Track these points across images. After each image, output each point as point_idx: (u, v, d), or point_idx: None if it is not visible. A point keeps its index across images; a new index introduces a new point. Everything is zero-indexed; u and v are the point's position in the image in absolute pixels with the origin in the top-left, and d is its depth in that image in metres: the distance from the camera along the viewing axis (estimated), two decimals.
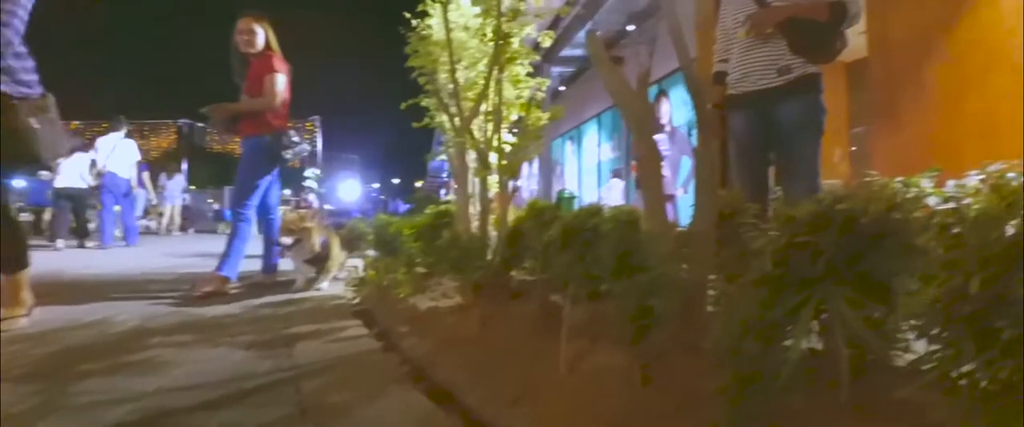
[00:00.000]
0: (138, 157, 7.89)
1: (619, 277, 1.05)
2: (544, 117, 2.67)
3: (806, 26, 2.37)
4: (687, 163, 8.56)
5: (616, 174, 10.91)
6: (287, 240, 3.21)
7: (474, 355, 1.71)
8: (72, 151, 7.23)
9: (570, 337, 1.38)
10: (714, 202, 1.46)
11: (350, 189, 19.53)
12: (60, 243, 7.08)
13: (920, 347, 0.69)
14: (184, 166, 12.81)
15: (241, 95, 3.46)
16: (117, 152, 7.48)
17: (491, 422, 1.31)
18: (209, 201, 16.13)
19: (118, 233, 8.10)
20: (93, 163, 7.45)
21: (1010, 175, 0.59)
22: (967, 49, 3.93)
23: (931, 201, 0.92)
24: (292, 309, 2.70)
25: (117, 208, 7.79)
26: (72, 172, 7.37)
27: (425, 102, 3.74)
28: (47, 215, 10.20)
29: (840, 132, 7.44)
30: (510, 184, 2.14)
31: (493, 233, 2.36)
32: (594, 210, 1.31)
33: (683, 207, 7.10)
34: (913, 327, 0.70)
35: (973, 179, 0.74)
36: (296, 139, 3.51)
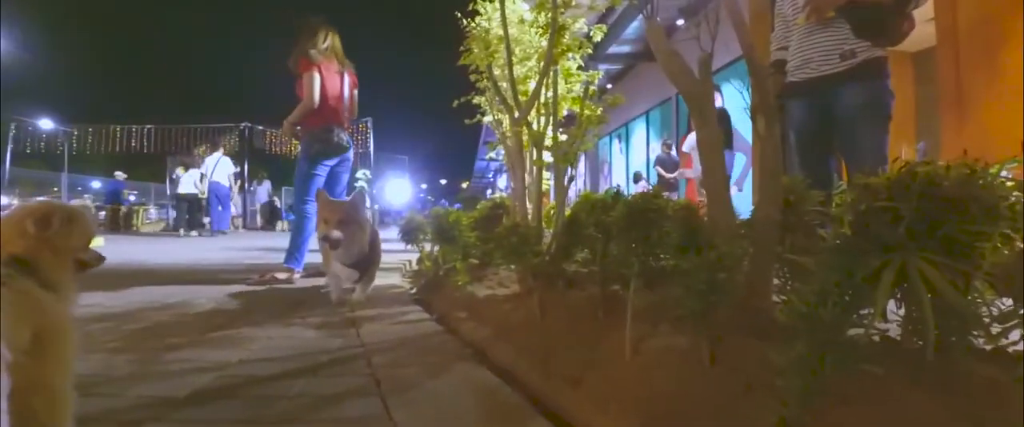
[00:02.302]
0: (234, 170, 11.19)
1: (687, 254, 1.07)
2: (597, 110, 2.68)
3: (870, 8, 2.29)
4: (740, 159, 8.34)
5: (636, 179, 10.79)
6: (337, 234, 2.45)
7: (533, 339, 1.75)
8: (189, 166, 10.96)
9: (632, 319, 1.40)
10: (778, 189, 1.45)
11: (401, 189, 19.92)
12: (182, 232, 10.36)
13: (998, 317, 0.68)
14: (245, 167, 13.63)
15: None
16: (218, 167, 10.66)
17: (554, 400, 1.35)
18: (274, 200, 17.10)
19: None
20: (202, 176, 10.58)
21: None
22: None
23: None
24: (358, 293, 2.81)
25: (220, 207, 10.86)
26: (188, 182, 10.58)
27: (477, 100, 3.81)
28: (121, 212, 11.91)
29: (906, 125, 7.08)
30: (567, 173, 2.17)
31: (545, 229, 2.40)
32: (657, 193, 1.32)
33: (737, 206, 6.90)
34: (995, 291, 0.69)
35: None
36: (332, 135, 3.55)
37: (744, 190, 7.89)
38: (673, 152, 9.40)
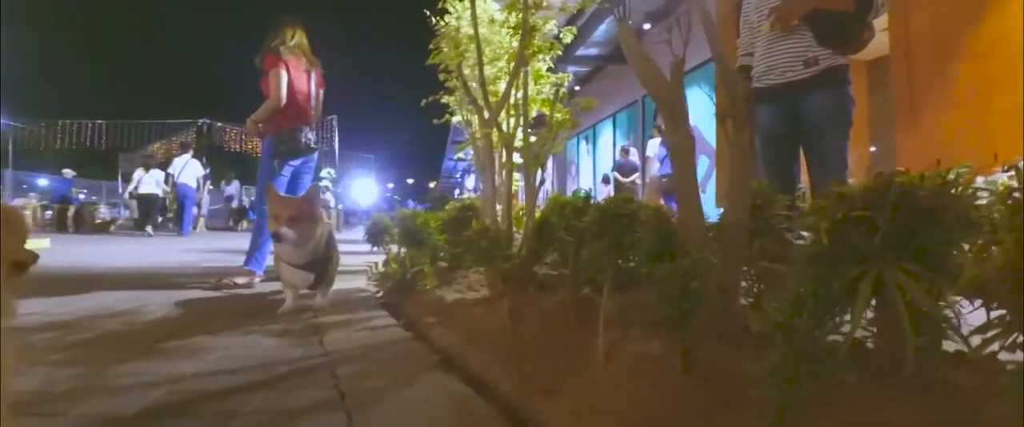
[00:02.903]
0: (203, 172, 11.22)
1: (660, 261, 1.05)
2: (567, 113, 2.67)
3: (833, 17, 2.35)
4: (705, 162, 8.50)
5: (605, 181, 10.93)
6: (288, 231, 2.30)
7: (504, 346, 1.71)
8: (149, 167, 10.97)
9: (605, 325, 1.38)
10: (747, 194, 1.46)
11: (366, 188, 19.59)
12: (150, 231, 10.12)
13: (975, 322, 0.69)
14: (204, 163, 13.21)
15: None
16: (186, 169, 10.64)
17: (528, 410, 1.32)
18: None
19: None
20: (168, 176, 10.69)
21: None
22: (994, 46, 3.87)
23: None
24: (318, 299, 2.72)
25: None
26: (149, 182, 10.59)
27: (445, 99, 3.75)
28: (70, 211, 11.28)
29: (860, 130, 7.35)
30: (537, 177, 2.14)
31: (515, 231, 2.37)
32: (629, 197, 1.31)
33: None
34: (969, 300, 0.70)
35: (1001, 176, 0.72)
36: (300, 135, 3.44)
37: (707, 192, 8.04)
38: (632, 156, 9.51)
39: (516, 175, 2.81)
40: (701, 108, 7.60)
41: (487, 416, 1.23)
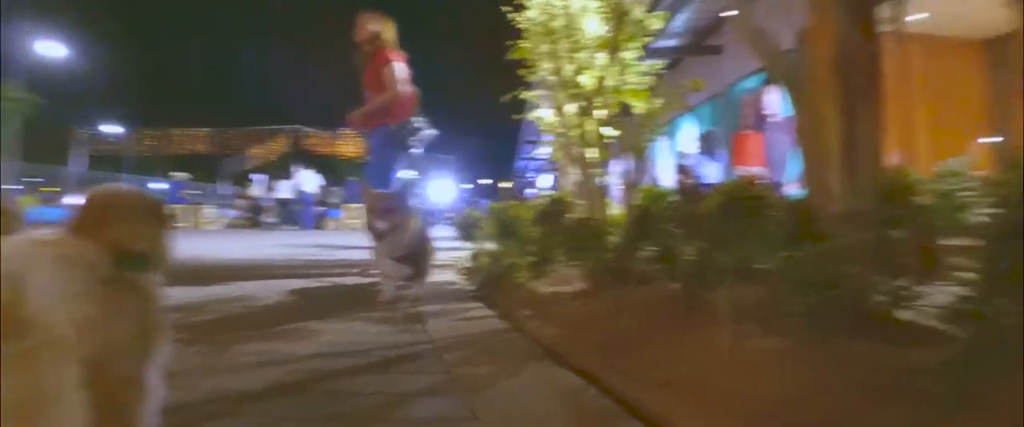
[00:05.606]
0: (322, 182, 14.01)
1: (800, 244, 0.96)
2: (657, 102, 2.57)
3: None
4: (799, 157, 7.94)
5: (687, 175, 10.40)
6: (383, 224, 2.36)
7: (608, 338, 1.66)
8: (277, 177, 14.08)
9: (723, 318, 1.30)
10: (871, 180, 1.32)
11: (446, 189, 20.07)
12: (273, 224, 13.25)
13: None
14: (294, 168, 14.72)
15: (364, 92, 3.65)
16: (307, 178, 13.68)
17: (642, 402, 1.26)
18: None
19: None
20: (295, 185, 13.61)
21: None
22: None
23: None
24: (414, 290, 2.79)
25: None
26: (286, 188, 13.75)
27: (525, 95, 3.73)
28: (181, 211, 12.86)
29: (977, 114, 6.61)
30: (634, 166, 2.07)
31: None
32: (751, 180, 1.22)
33: None
34: None
35: None
36: (421, 125, 3.60)
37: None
38: (704, 153, 8.97)
39: (599, 169, 2.74)
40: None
41: (603, 407, 1.19)
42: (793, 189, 6.88)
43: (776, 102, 7.39)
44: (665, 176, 13.55)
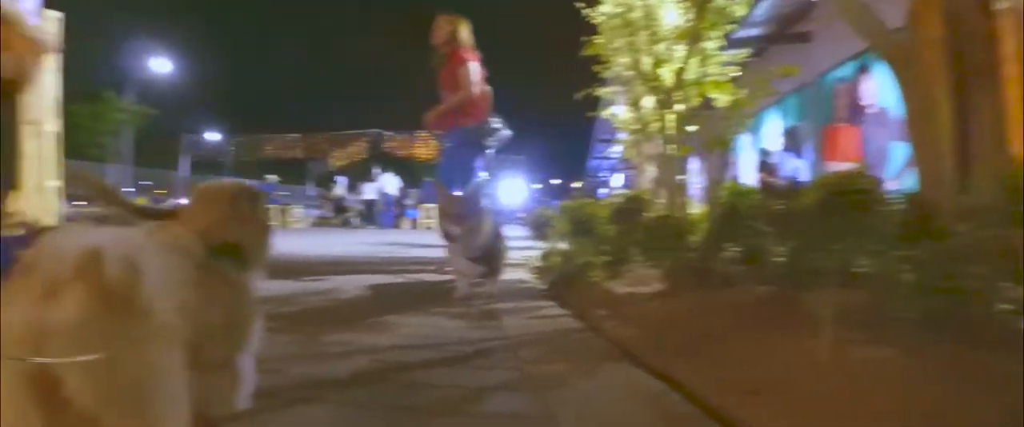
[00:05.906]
0: (401, 185, 15.11)
1: (918, 240, 0.86)
2: (742, 93, 2.43)
3: None
4: (901, 150, 7.27)
5: (771, 171, 9.76)
6: (455, 228, 2.35)
7: (689, 341, 1.59)
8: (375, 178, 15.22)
9: (822, 322, 1.20)
10: (994, 172, 1.16)
11: (517, 189, 20.17)
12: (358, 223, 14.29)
13: None
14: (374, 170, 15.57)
15: (441, 93, 3.73)
16: (388, 181, 14.84)
17: (728, 409, 1.18)
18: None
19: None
20: (379, 188, 14.72)
21: None
22: None
23: None
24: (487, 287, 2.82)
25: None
26: (370, 190, 14.88)
27: (599, 92, 3.65)
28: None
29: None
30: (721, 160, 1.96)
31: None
32: (860, 172, 1.11)
33: None
34: None
35: None
36: (497, 125, 3.61)
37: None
38: (788, 149, 8.37)
39: (679, 165, 2.63)
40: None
41: (684, 412, 1.13)
42: (895, 185, 6.30)
43: (874, 91, 6.82)
44: (747, 174, 12.92)
